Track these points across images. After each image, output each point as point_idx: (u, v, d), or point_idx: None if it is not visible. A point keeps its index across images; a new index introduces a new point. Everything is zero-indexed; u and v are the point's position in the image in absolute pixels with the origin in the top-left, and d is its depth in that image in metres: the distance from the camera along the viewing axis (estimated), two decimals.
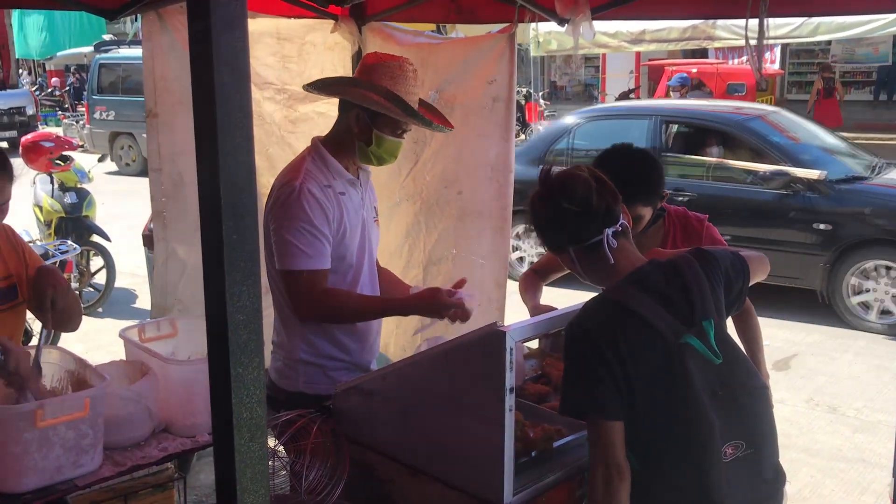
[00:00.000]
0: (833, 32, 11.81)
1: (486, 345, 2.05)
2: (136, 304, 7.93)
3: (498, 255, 4.29)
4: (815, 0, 3.36)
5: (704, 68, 15.68)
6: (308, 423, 2.42)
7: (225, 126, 0.81)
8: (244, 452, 0.83)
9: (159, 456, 2.45)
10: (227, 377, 0.82)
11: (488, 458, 2.06)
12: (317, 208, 2.59)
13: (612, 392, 1.95)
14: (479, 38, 4.60)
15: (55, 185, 7.70)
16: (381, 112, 2.64)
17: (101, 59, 16.61)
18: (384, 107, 2.62)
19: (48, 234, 7.60)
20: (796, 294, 7.69)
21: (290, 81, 4.40)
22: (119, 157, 16.37)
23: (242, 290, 0.83)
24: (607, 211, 2.09)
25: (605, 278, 2.13)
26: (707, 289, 2.09)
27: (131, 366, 2.62)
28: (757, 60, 3.27)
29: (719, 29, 11.50)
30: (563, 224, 2.11)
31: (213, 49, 0.78)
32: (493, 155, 4.19)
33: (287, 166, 2.76)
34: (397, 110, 2.64)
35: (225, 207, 0.81)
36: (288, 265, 2.59)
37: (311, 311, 2.67)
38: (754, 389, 2.10)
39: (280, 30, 4.30)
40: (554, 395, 2.67)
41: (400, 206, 4.64)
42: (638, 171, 2.73)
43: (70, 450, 2.22)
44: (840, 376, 6.02)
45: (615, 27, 12.06)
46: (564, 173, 2.17)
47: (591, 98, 23.40)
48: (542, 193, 2.17)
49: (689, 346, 1.99)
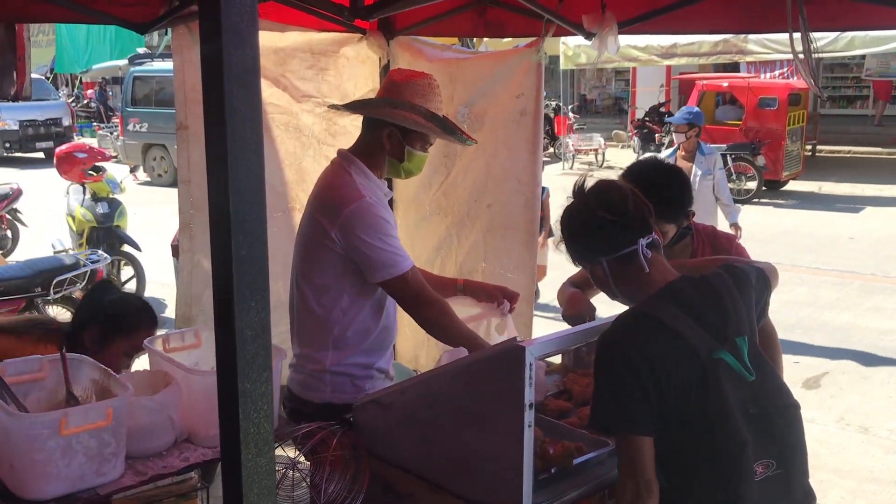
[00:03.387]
0: (868, 46, 11.66)
1: (505, 360, 2.04)
2: (166, 314, 7.99)
3: (525, 269, 4.29)
4: (846, 15, 3.32)
5: (736, 82, 15.53)
6: (328, 435, 2.42)
7: (235, 142, 0.81)
8: (251, 467, 0.83)
9: (181, 466, 2.46)
10: (234, 392, 0.82)
11: (507, 475, 2.05)
12: (388, 216, 2.71)
13: (643, 407, 1.92)
14: (506, 52, 4.62)
15: (87, 196, 7.83)
16: (420, 131, 2.70)
17: (135, 72, 16.88)
18: (426, 127, 2.70)
19: (80, 243, 7.73)
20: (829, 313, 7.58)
21: (329, 94, 4.44)
22: (151, 168, 16.61)
23: (251, 304, 0.83)
24: (642, 221, 2.08)
25: (637, 292, 2.10)
26: (740, 304, 2.07)
27: (155, 375, 2.64)
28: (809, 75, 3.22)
29: (751, 43, 11.40)
30: (599, 233, 2.08)
31: (223, 66, 0.78)
32: (521, 168, 4.19)
33: (330, 184, 2.75)
34: (439, 130, 2.72)
35: (234, 223, 0.81)
36: (394, 272, 2.63)
37: (421, 310, 2.70)
38: (786, 408, 2.07)
39: (313, 44, 4.35)
40: (575, 411, 2.65)
41: (430, 219, 4.66)
42: (665, 185, 2.71)
43: (93, 458, 2.24)
44: (872, 396, 5.90)
45: (646, 41, 12.00)
46: (600, 183, 2.16)
47: (622, 112, 23.30)
48: (577, 203, 2.15)
49: (723, 363, 1.96)
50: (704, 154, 6.81)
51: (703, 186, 6.61)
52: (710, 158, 6.80)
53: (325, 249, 2.67)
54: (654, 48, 12.22)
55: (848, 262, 9.47)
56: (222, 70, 0.79)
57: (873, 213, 12.22)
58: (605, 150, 17.37)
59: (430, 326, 2.75)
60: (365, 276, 2.68)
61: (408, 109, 2.68)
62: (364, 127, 2.81)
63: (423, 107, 2.69)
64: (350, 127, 4.49)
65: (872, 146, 18.28)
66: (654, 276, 2.06)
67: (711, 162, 6.78)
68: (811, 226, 11.57)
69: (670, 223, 2.72)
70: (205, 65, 0.82)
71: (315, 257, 2.71)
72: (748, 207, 12.12)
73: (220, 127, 0.81)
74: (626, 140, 19.67)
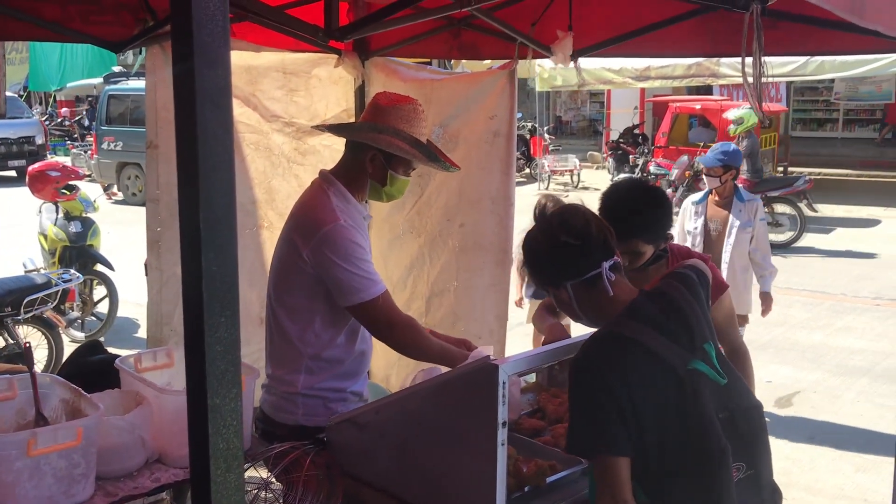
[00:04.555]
0: (837, 71, 11.86)
1: (478, 378, 2.05)
2: (139, 334, 7.93)
3: (498, 287, 4.31)
4: (811, 40, 3.40)
5: (708, 105, 15.75)
6: (301, 455, 2.42)
7: (207, 161, 0.82)
8: (220, 483, 0.83)
9: (152, 486, 2.44)
10: (203, 407, 0.83)
11: (481, 493, 2.06)
12: (361, 239, 2.67)
13: (620, 428, 1.92)
14: (480, 74, 4.67)
15: (60, 214, 7.75)
16: (404, 157, 2.71)
17: (110, 91, 16.79)
18: (409, 153, 2.70)
19: (52, 262, 7.64)
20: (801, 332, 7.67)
21: (298, 115, 4.47)
22: (126, 188, 16.48)
23: (221, 321, 0.84)
24: (605, 244, 2.10)
25: (601, 314, 2.12)
26: (698, 310, 2.09)
27: (126, 395, 2.63)
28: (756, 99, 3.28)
29: (723, 66, 11.57)
30: (562, 258, 2.11)
31: (195, 86, 0.79)
32: (494, 188, 4.24)
33: (308, 204, 2.75)
34: (422, 157, 2.73)
35: (205, 240, 0.82)
36: (363, 297, 2.61)
37: (392, 334, 2.69)
38: (750, 409, 2.09)
39: (286, 64, 4.37)
40: (549, 430, 2.66)
41: (403, 238, 4.68)
42: (646, 205, 2.73)
43: (61, 479, 2.22)
44: (843, 415, 5.97)
45: (620, 63, 12.14)
46: (562, 208, 2.20)
47: (597, 133, 23.53)
48: (540, 228, 2.18)
49: (699, 372, 1.98)
50: (743, 201, 5.54)
51: (741, 240, 5.46)
52: (751, 206, 5.53)
53: (297, 270, 2.66)
54: (628, 71, 12.36)
55: (819, 283, 9.60)
56: (194, 90, 0.80)
57: (843, 234, 12.42)
58: (580, 170, 17.62)
59: (403, 348, 2.75)
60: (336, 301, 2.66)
61: (392, 135, 2.69)
62: (347, 149, 2.81)
63: (407, 133, 2.70)
64: (319, 147, 4.52)
65: (841, 168, 18.64)
66: (618, 297, 2.08)
67: (752, 211, 5.51)
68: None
69: (649, 244, 2.72)
70: (177, 85, 0.83)
71: (288, 277, 2.71)
72: None
73: (191, 146, 0.82)
74: (600, 161, 19.92)
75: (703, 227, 5.54)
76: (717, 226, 5.55)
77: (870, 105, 21.28)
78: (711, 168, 5.57)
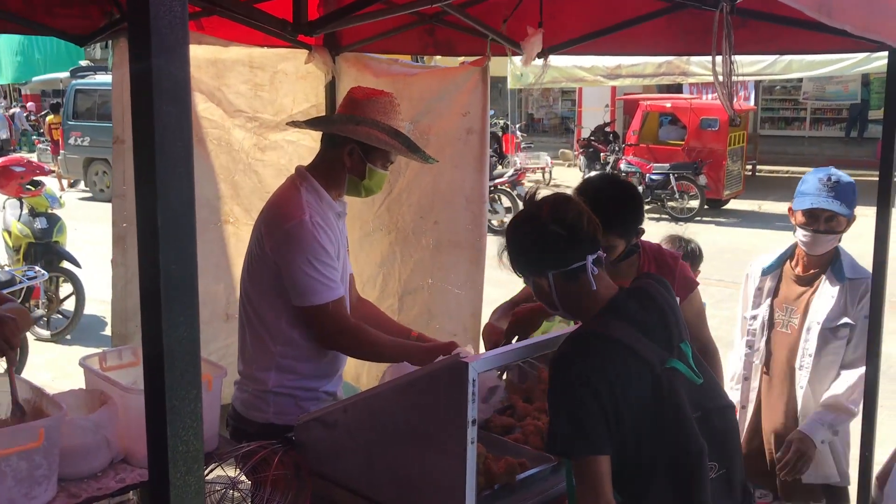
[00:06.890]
0: (805, 70, 12.03)
1: (448, 376, 2.03)
2: (106, 332, 7.83)
3: (473, 284, 4.30)
4: (780, 38, 3.43)
5: (678, 103, 15.90)
6: (270, 454, 2.39)
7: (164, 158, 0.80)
8: (180, 486, 0.82)
9: (117, 487, 2.40)
10: (162, 410, 0.81)
11: (450, 492, 2.04)
12: (326, 239, 2.61)
13: (601, 426, 1.91)
14: (452, 69, 4.65)
15: (25, 210, 7.63)
16: (381, 148, 2.67)
17: (77, 85, 16.56)
18: (388, 144, 2.67)
19: (17, 259, 7.52)
20: None
21: (262, 109, 4.42)
22: (93, 183, 16.27)
23: (180, 320, 0.82)
24: (592, 237, 2.08)
25: (580, 307, 2.10)
26: (676, 308, 2.11)
27: (90, 395, 2.58)
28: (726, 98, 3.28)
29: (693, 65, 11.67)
30: (548, 247, 2.07)
31: (153, 82, 0.77)
32: (468, 186, 4.23)
33: (279, 198, 2.71)
34: (402, 147, 2.70)
35: (163, 238, 0.80)
36: (315, 300, 2.57)
37: (338, 341, 2.66)
38: (722, 409, 2.10)
39: (253, 58, 4.32)
40: (519, 428, 2.66)
41: (373, 235, 4.65)
42: (619, 200, 2.73)
43: (22, 481, 2.17)
44: None
45: (591, 62, 12.21)
46: (554, 196, 2.15)
47: (568, 131, 23.64)
48: (528, 215, 2.14)
49: (676, 371, 1.98)
50: (844, 280, 3.16)
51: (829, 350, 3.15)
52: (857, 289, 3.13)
53: (262, 264, 2.64)
54: (599, 69, 12.43)
55: None
56: (151, 85, 0.78)
57: None
58: (551, 168, 17.73)
59: (354, 355, 2.74)
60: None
61: (370, 126, 2.66)
62: (324, 144, 2.77)
63: (386, 124, 2.67)
64: (282, 142, 4.48)
65: (808, 166, 18.86)
66: (598, 291, 2.07)
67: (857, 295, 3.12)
68: (752, 243, 11.84)
69: (621, 239, 2.72)
70: (134, 80, 0.81)
71: (256, 271, 2.68)
72: (690, 225, 12.37)
73: (149, 143, 0.80)
74: (572, 159, 20.04)
75: (767, 317, 3.34)
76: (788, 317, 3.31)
77: (837, 105, 21.62)
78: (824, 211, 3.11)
